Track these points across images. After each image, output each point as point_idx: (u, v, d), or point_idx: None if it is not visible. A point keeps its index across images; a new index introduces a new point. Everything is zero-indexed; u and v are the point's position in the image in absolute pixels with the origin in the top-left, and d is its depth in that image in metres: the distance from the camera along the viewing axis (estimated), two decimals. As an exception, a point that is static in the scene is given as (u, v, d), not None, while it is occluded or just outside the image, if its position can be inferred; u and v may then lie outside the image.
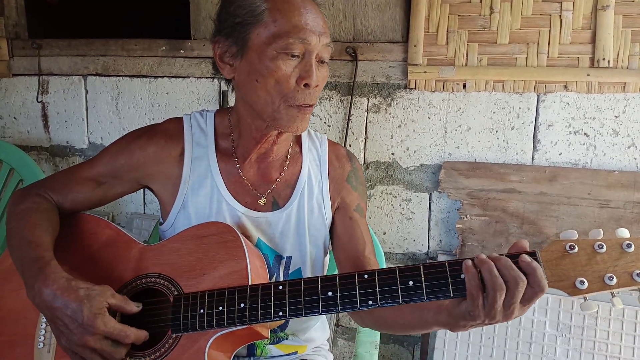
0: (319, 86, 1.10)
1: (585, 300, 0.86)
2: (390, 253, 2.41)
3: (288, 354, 1.30)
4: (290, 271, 1.25)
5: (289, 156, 1.27)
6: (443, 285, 0.89)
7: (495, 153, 2.26)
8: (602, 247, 0.85)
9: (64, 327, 0.99)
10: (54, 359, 1.11)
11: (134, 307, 1.06)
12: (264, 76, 1.07)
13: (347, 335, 2.52)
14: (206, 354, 1.01)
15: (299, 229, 1.24)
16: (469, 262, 0.86)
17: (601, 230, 0.87)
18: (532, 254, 0.87)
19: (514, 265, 0.84)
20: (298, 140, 1.31)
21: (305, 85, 1.07)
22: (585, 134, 2.17)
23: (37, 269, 1.04)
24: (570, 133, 2.18)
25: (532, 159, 2.23)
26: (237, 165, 1.23)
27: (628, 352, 2.00)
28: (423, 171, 2.34)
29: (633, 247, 0.84)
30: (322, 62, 1.11)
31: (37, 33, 2.75)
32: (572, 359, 2.05)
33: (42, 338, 1.13)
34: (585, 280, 0.84)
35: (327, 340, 1.46)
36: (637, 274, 0.82)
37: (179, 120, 1.27)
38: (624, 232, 0.86)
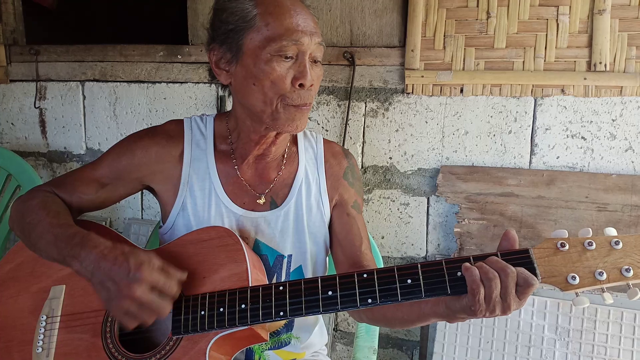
0: (314, 85, 1.12)
1: (577, 296, 0.89)
2: (389, 257, 2.41)
3: (285, 361, 1.31)
4: (291, 270, 1.25)
5: (285, 156, 1.29)
6: (441, 283, 0.92)
7: (493, 157, 2.26)
8: (591, 245, 0.89)
9: (112, 284, 0.98)
10: (53, 362, 1.10)
11: (177, 273, 1.03)
12: (260, 79, 1.09)
13: (345, 339, 2.51)
14: (207, 355, 1.01)
15: (298, 227, 1.25)
16: (467, 263, 0.91)
17: (590, 229, 0.91)
18: (525, 251, 0.91)
19: (499, 259, 0.90)
20: (294, 140, 1.32)
21: (300, 85, 1.09)
22: (582, 137, 2.17)
23: (80, 239, 1.05)
24: (567, 137, 2.19)
25: (530, 162, 2.24)
26: (236, 167, 1.24)
27: (627, 355, 1.99)
28: (421, 175, 2.34)
29: (621, 244, 0.88)
30: (316, 61, 1.13)
31: (34, 39, 2.75)
32: (571, 362, 2.05)
33: (41, 343, 1.13)
34: (576, 275, 0.87)
35: (325, 345, 1.46)
36: (626, 269, 0.86)
37: (179, 122, 1.29)
38: (612, 231, 0.90)
